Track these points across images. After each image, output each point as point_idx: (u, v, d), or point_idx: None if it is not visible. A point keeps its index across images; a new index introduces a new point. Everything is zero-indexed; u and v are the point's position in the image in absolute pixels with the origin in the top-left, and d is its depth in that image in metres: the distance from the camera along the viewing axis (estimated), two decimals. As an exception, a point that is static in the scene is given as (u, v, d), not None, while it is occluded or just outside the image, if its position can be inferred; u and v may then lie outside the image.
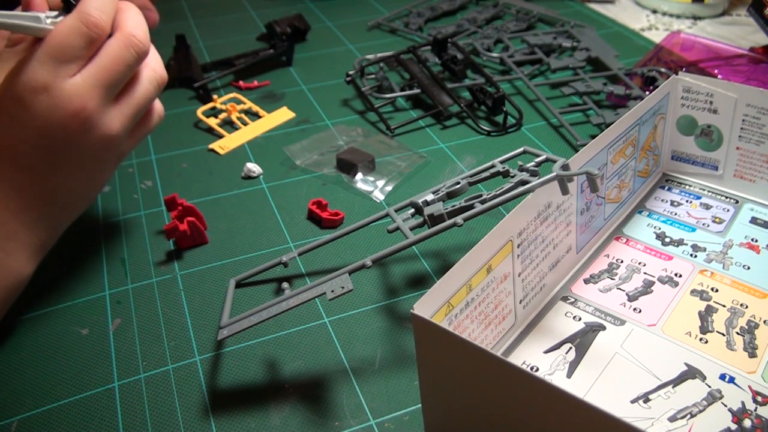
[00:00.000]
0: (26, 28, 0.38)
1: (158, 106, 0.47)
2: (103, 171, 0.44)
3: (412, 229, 0.41)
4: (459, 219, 0.38)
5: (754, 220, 0.49)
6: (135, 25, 0.42)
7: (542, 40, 0.77)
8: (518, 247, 0.38)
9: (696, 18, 0.90)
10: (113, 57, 0.40)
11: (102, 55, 0.40)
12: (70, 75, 0.39)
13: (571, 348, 0.39)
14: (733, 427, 0.34)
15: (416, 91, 0.68)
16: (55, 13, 0.40)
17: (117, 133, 0.41)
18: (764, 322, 0.41)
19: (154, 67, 0.44)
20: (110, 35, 0.41)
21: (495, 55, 0.76)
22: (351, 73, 0.68)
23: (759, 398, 0.36)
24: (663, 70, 0.68)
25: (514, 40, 0.80)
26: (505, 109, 0.64)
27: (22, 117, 0.38)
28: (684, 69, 0.67)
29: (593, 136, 0.61)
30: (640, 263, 0.45)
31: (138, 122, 0.45)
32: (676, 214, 0.50)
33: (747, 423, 0.35)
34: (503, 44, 0.79)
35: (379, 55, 0.74)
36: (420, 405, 0.36)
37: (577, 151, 0.61)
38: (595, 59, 0.73)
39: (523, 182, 0.39)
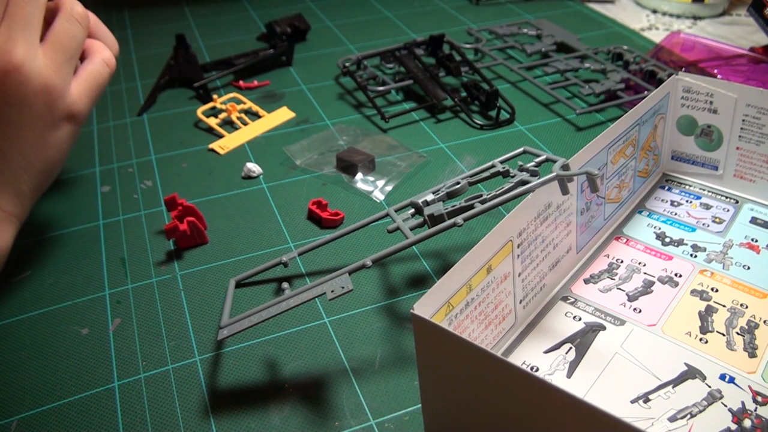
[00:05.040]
0: None
1: (103, 52, 0.47)
2: (52, 129, 0.43)
3: (412, 229, 0.41)
4: (459, 219, 0.38)
5: (754, 220, 0.49)
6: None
7: (508, 30, 0.82)
8: (518, 247, 0.38)
9: (696, 18, 0.90)
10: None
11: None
12: None
13: (571, 348, 0.39)
14: (733, 427, 0.34)
15: (409, 82, 0.69)
16: None
17: (49, 78, 0.41)
18: (764, 322, 0.41)
19: (72, 6, 0.45)
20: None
21: (468, 46, 0.78)
22: (347, 64, 0.69)
23: (759, 398, 0.36)
24: (660, 63, 0.69)
25: (482, 32, 0.83)
26: (498, 104, 0.65)
27: None
28: (684, 69, 0.67)
29: (590, 104, 0.66)
30: (640, 263, 0.45)
31: (83, 72, 0.45)
32: (676, 214, 0.50)
33: (747, 423, 0.35)
34: (473, 36, 0.81)
35: (361, 54, 0.73)
36: (420, 405, 0.37)
37: (575, 125, 0.63)
38: (561, 43, 0.78)
39: (523, 182, 0.39)
